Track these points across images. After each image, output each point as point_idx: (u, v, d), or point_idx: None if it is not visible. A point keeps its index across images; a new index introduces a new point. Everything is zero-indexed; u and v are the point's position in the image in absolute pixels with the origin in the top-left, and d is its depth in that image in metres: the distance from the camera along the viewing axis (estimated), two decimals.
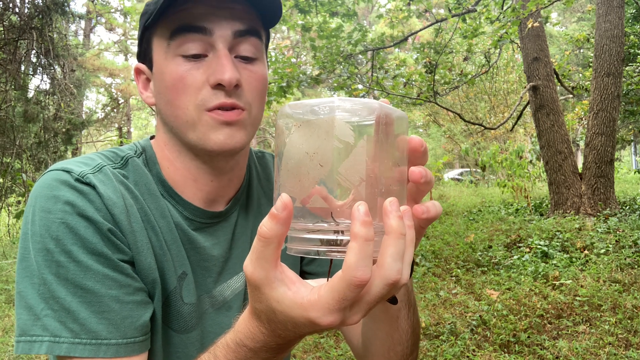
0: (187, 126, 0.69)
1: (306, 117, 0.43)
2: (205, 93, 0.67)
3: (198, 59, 0.67)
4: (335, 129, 0.41)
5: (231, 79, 0.65)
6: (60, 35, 7.15)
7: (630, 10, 10.10)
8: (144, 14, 0.71)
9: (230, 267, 0.79)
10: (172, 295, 0.71)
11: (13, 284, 4.73)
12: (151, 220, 0.70)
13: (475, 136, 15.39)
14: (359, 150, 0.41)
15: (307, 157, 0.42)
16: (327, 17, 7.56)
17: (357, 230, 0.38)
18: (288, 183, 0.43)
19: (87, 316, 0.58)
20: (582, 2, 22.01)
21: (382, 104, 0.43)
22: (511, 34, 6.05)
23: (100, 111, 19.68)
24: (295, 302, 0.41)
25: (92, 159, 0.69)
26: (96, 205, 0.62)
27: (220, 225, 0.78)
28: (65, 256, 0.59)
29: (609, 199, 6.14)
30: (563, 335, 3.27)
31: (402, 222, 0.41)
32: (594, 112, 6.22)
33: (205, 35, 0.66)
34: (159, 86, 0.70)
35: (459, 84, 8.09)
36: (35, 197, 0.62)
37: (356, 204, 0.39)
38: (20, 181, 6.66)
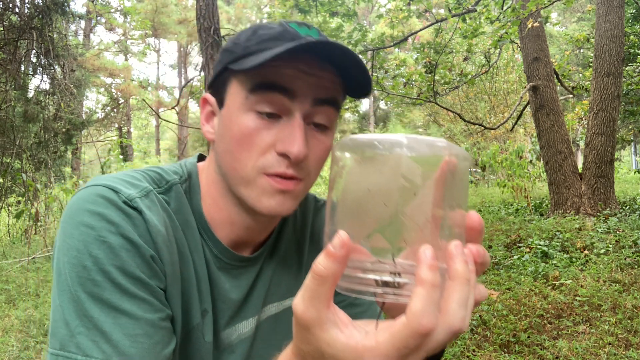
0: (241, 182, 0.68)
1: (369, 152, 0.41)
2: (269, 157, 0.65)
3: (272, 118, 0.65)
4: (402, 167, 0.39)
5: (299, 155, 0.64)
6: (60, 35, 7.15)
7: (630, 10, 10.10)
8: (229, 52, 0.69)
9: (243, 312, 0.78)
10: (194, 331, 0.70)
11: (13, 283, 4.73)
12: (186, 252, 0.69)
13: (475, 136, 15.39)
14: (426, 191, 0.39)
15: (369, 194, 0.40)
16: (327, 17, 7.56)
17: (424, 275, 0.37)
18: (346, 220, 0.41)
19: (119, 338, 0.57)
20: (582, 2, 22.01)
21: (450, 143, 0.42)
22: (511, 34, 6.05)
23: (100, 111, 19.67)
24: (349, 346, 0.39)
25: (138, 180, 0.67)
26: (140, 231, 0.61)
27: (244, 269, 0.77)
28: (102, 275, 0.58)
29: (609, 199, 6.14)
30: (563, 335, 3.27)
31: (468, 267, 0.39)
32: (594, 112, 6.22)
33: (286, 97, 0.64)
34: (225, 132, 0.68)
35: (459, 84, 8.09)
36: (77, 210, 0.60)
37: (423, 248, 0.38)
38: (20, 181, 6.66)
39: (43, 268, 5.27)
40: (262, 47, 0.65)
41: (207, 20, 4.95)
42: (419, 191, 0.39)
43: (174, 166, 0.76)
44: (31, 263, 5.42)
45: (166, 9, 20.62)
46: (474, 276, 0.41)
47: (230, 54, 0.68)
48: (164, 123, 23.79)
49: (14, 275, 4.96)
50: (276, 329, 0.82)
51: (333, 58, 0.65)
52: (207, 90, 0.75)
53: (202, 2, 4.96)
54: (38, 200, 6.86)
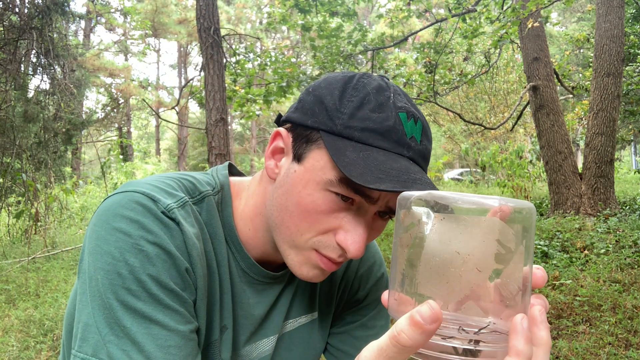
0: (289, 243, 0.67)
1: (457, 212, 0.38)
2: (326, 239, 0.65)
3: (347, 202, 0.63)
4: (498, 233, 0.37)
5: (357, 256, 0.64)
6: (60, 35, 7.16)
7: (630, 10, 10.10)
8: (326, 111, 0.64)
9: (264, 329, 0.77)
10: (212, 347, 0.69)
11: (13, 284, 4.73)
12: (213, 265, 0.69)
13: (475, 136, 15.39)
14: (518, 257, 0.38)
15: (457, 257, 0.37)
16: (327, 16, 7.56)
17: (521, 347, 0.36)
18: (431, 283, 0.38)
19: (152, 349, 0.56)
20: (582, 2, 22.02)
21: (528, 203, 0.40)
22: (511, 34, 6.05)
23: (100, 111, 19.67)
24: None
25: (174, 189, 0.66)
26: (177, 242, 0.61)
27: (269, 285, 0.77)
28: (137, 284, 0.57)
29: (609, 199, 6.14)
30: (563, 335, 3.27)
31: (549, 334, 0.39)
32: (594, 112, 6.22)
33: (367, 202, 0.63)
34: (293, 192, 0.65)
35: (459, 84, 8.10)
36: (113, 215, 0.59)
37: (519, 317, 0.37)
38: (20, 181, 6.67)
39: (43, 268, 5.27)
40: (364, 138, 0.62)
41: (207, 20, 4.95)
42: (512, 257, 0.37)
43: (205, 176, 0.75)
44: (31, 263, 5.42)
45: (166, 9, 20.63)
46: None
47: (328, 118, 0.64)
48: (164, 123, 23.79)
49: (14, 275, 4.97)
50: (290, 346, 0.82)
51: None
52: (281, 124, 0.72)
53: (202, 2, 4.96)
54: (38, 200, 6.86)
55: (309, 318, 0.84)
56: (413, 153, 0.64)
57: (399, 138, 0.63)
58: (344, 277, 0.88)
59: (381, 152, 0.61)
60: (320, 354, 0.88)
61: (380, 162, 0.60)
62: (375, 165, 0.59)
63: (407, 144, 0.63)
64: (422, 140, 0.66)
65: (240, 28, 24.15)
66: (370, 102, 0.63)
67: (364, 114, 0.63)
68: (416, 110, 0.67)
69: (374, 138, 0.62)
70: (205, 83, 5.03)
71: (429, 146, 0.69)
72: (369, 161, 0.60)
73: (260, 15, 26.09)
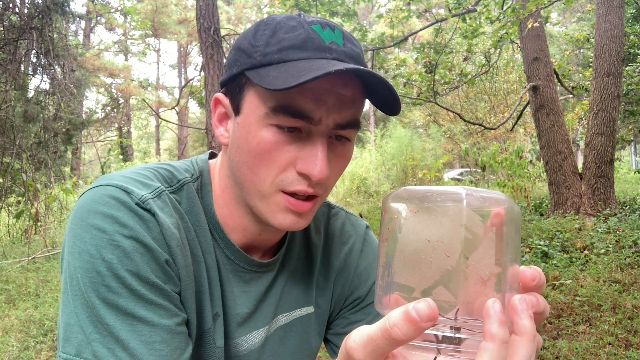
0: (258, 195, 0.66)
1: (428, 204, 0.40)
2: (288, 175, 0.64)
3: (293, 132, 0.62)
4: (464, 219, 0.38)
5: (322, 177, 0.62)
6: (60, 35, 7.15)
7: (630, 10, 10.10)
8: (246, 54, 0.64)
9: (253, 321, 0.75)
10: (206, 335, 0.69)
11: (13, 284, 4.73)
12: (198, 254, 0.68)
13: (475, 136, 15.39)
14: (489, 243, 0.38)
15: (428, 245, 0.39)
16: (327, 16, 7.56)
17: (495, 331, 0.35)
18: (405, 271, 0.40)
19: (136, 346, 0.55)
20: (582, 2, 22.01)
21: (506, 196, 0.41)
22: (511, 34, 6.05)
23: (100, 111, 19.68)
24: None
25: (150, 179, 0.65)
26: (154, 234, 0.59)
27: (256, 275, 0.75)
28: (116, 281, 0.56)
29: (609, 199, 6.14)
30: (563, 335, 3.27)
31: (534, 323, 0.38)
32: (594, 112, 6.22)
33: (308, 123, 0.62)
34: (242, 143, 0.65)
35: (459, 84, 8.10)
36: (87, 211, 0.58)
37: (491, 301, 0.36)
38: (20, 181, 6.66)
39: (43, 268, 5.27)
40: (283, 57, 0.61)
41: (207, 20, 4.95)
42: (481, 243, 0.38)
43: (184, 163, 0.74)
44: (31, 263, 5.42)
45: (166, 9, 20.62)
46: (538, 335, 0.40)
47: (247, 56, 0.64)
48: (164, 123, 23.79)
49: (14, 275, 4.96)
50: (284, 339, 0.81)
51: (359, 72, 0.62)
52: (220, 89, 0.72)
53: (202, 2, 4.96)
54: (38, 200, 6.86)
55: (304, 312, 0.82)
56: (337, 54, 0.63)
57: (317, 45, 0.62)
58: (341, 273, 0.86)
59: (302, 61, 0.60)
60: (317, 350, 0.86)
61: (301, 67, 0.59)
62: (296, 71, 0.58)
63: (327, 48, 0.62)
64: (346, 44, 0.64)
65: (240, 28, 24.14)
66: (281, 28, 0.63)
67: (278, 38, 0.62)
68: (332, 22, 0.66)
69: (292, 53, 0.61)
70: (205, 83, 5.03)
71: (357, 49, 0.66)
72: (291, 70, 0.59)
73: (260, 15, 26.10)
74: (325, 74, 0.55)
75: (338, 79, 0.62)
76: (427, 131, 19.56)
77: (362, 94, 0.65)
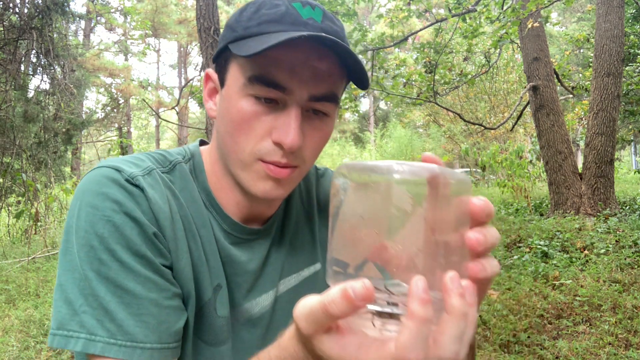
0: (238, 164, 0.69)
1: (363, 178, 0.41)
2: (265, 145, 0.66)
3: (270, 103, 0.66)
4: (392, 196, 0.38)
5: (292, 146, 0.64)
6: (60, 35, 7.15)
7: (630, 10, 10.10)
8: (231, 29, 0.68)
9: (261, 284, 0.78)
10: (206, 306, 0.71)
11: (13, 284, 4.73)
12: (193, 229, 0.70)
13: (475, 136, 15.39)
14: (417, 219, 0.38)
15: (361, 221, 0.40)
16: None
17: (415, 309, 0.36)
18: (341, 246, 0.42)
19: (124, 317, 0.58)
20: (582, 2, 22.01)
21: (443, 168, 0.41)
22: (511, 34, 6.05)
23: (100, 111, 19.67)
24: (342, 357, 0.41)
25: (142, 160, 0.69)
26: (143, 208, 0.62)
27: (256, 242, 0.78)
28: (108, 254, 0.59)
29: (609, 199, 6.14)
30: (563, 335, 3.27)
31: (465, 301, 0.38)
32: (594, 112, 6.22)
33: (283, 93, 0.65)
34: (225, 114, 0.69)
35: (459, 84, 8.10)
36: (83, 192, 0.62)
37: (414, 279, 0.36)
38: (20, 181, 6.66)
39: (43, 268, 5.27)
40: (261, 29, 0.64)
41: (207, 20, 4.94)
42: (409, 219, 0.38)
43: (177, 149, 0.77)
44: (31, 263, 5.42)
45: (166, 9, 20.62)
46: (473, 310, 0.39)
47: (231, 31, 0.68)
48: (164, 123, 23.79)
49: (14, 275, 4.96)
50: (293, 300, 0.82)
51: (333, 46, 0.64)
52: (211, 65, 0.75)
53: (202, 2, 4.96)
54: (38, 200, 6.86)
55: (312, 270, 0.85)
56: (313, 29, 0.65)
57: (294, 20, 0.64)
58: None
59: (278, 33, 0.63)
60: None
61: (274, 37, 0.61)
62: (268, 39, 0.61)
63: (303, 23, 0.65)
64: (324, 21, 0.67)
65: None
66: (265, 5, 0.66)
67: (260, 14, 0.66)
68: (315, 2, 0.68)
69: (270, 26, 0.64)
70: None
71: (335, 27, 0.68)
72: (264, 39, 0.62)
73: None
74: (287, 39, 0.59)
75: (313, 51, 0.64)
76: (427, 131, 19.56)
77: (339, 69, 0.67)
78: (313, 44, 0.64)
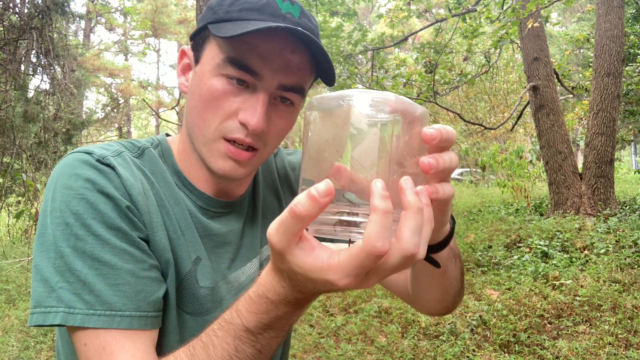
0: (201, 140, 0.72)
1: (329, 108, 0.46)
2: (230, 123, 0.70)
3: (241, 85, 0.69)
4: (351, 117, 0.43)
5: (257, 128, 0.68)
6: (60, 35, 7.15)
7: (630, 10, 10.09)
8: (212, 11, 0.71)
9: (243, 254, 0.82)
10: (187, 278, 0.73)
11: (13, 284, 4.73)
12: (166, 205, 0.72)
13: (475, 136, 15.38)
14: (372, 137, 0.43)
15: (326, 143, 0.45)
16: (327, 16, 7.56)
17: (376, 203, 0.40)
18: (309, 168, 0.47)
19: (102, 288, 0.60)
20: (582, 2, 22.01)
21: (399, 96, 0.45)
22: (511, 34, 6.05)
23: (100, 111, 19.66)
24: (315, 265, 0.44)
25: (111, 145, 0.72)
26: (115, 184, 0.65)
27: (232, 214, 0.82)
28: (84, 230, 0.61)
29: (609, 199, 6.14)
30: (563, 335, 3.27)
31: (419, 198, 0.42)
32: (594, 112, 6.21)
33: (254, 78, 0.68)
34: (195, 90, 0.72)
35: (459, 84, 8.09)
36: (57, 176, 0.64)
37: (374, 181, 0.41)
38: (20, 181, 6.66)
39: None
40: (242, 15, 0.68)
41: None
42: (365, 137, 0.43)
43: (144, 138, 0.81)
44: (31, 263, 5.42)
45: (166, 9, 20.61)
46: (429, 209, 0.44)
47: (212, 13, 0.71)
48: (164, 123, 23.78)
49: (14, 275, 4.96)
50: None
51: (306, 42, 0.68)
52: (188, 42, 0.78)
53: (202, 2, 4.95)
54: (38, 200, 6.85)
55: None
56: (290, 23, 0.69)
57: (273, 12, 0.68)
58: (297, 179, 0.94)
59: (256, 21, 0.67)
60: None
61: (252, 24, 0.65)
62: (247, 26, 0.65)
63: (282, 15, 0.69)
64: (301, 17, 0.71)
65: None
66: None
67: (242, 1, 0.69)
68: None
69: (250, 14, 0.68)
70: None
71: (311, 25, 0.72)
72: (242, 25, 0.65)
73: None
74: (266, 27, 0.63)
75: (288, 44, 0.68)
76: None
77: (309, 64, 0.72)
78: (289, 37, 0.68)
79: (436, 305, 0.81)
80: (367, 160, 0.43)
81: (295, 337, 3.51)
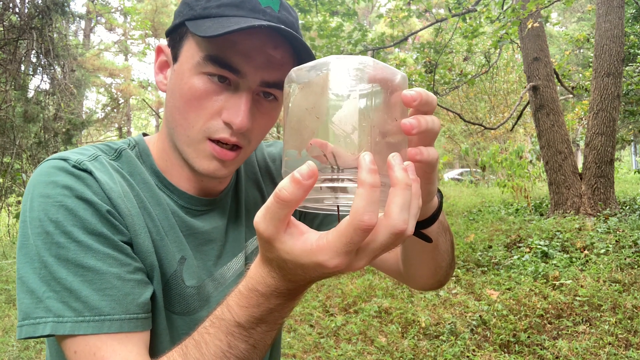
0: (185, 140, 0.71)
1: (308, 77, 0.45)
2: (214, 123, 0.69)
3: (223, 83, 0.68)
4: (329, 83, 0.43)
5: (241, 127, 0.67)
6: (60, 35, 7.15)
7: (630, 10, 10.09)
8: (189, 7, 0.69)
9: (228, 250, 0.81)
10: (173, 279, 0.72)
11: (13, 284, 4.73)
12: (147, 207, 0.71)
13: (475, 136, 15.39)
14: (351, 102, 0.43)
15: (306, 112, 0.45)
16: (327, 16, 7.55)
17: (363, 177, 0.40)
18: (291, 139, 0.46)
19: (89, 294, 0.59)
20: (582, 2, 22.01)
21: (377, 61, 0.45)
22: (511, 34, 6.05)
23: (100, 111, 19.67)
24: (304, 249, 0.43)
25: (87, 150, 0.71)
26: (93, 189, 0.64)
27: (215, 211, 0.81)
28: (65, 237, 0.60)
29: (609, 199, 6.14)
30: (563, 335, 3.27)
31: (407, 174, 0.42)
32: (594, 112, 6.21)
33: (236, 76, 0.67)
34: (175, 89, 0.70)
35: (459, 84, 8.10)
36: (34, 185, 0.63)
37: (362, 154, 0.41)
38: (20, 181, 6.66)
39: None
40: (220, 12, 0.66)
41: None
42: (344, 103, 0.43)
43: (121, 140, 0.79)
44: None
45: (166, 9, 20.61)
46: (417, 185, 0.44)
47: (190, 9, 0.69)
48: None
49: (14, 276, 4.96)
50: None
51: (288, 36, 0.66)
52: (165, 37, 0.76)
53: None
54: None
55: None
56: (270, 18, 0.68)
57: (253, 6, 0.67)
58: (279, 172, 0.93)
59: (237, 18, 0.66)
60: None
61: (233, 22, 0.64)
62: (227, 23, 0.63)
63: (262, 10, 0.67)
64: (281, 11, 0.70)
65: None
66: None
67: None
68: None
69: (229, 10, 0.66)
70: None
71: (291, 18, 0.72)
72: (223, 22, 0.64)
73: None
74: (248, 26, 0.61)
75: (269, 40, 0.67)
76: None
77: (291, 58, 0.70)
78: (270, 32, 0.66)
79: (429, 280, 0.81)
80: (348, 125, 0.43)
81: (296, 337, 3.51)
